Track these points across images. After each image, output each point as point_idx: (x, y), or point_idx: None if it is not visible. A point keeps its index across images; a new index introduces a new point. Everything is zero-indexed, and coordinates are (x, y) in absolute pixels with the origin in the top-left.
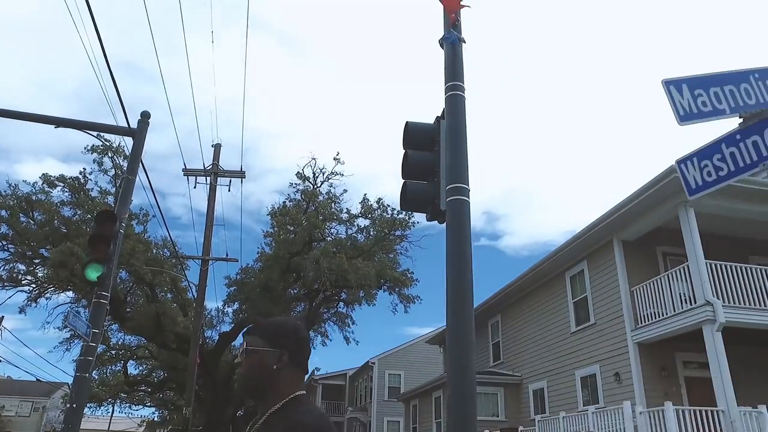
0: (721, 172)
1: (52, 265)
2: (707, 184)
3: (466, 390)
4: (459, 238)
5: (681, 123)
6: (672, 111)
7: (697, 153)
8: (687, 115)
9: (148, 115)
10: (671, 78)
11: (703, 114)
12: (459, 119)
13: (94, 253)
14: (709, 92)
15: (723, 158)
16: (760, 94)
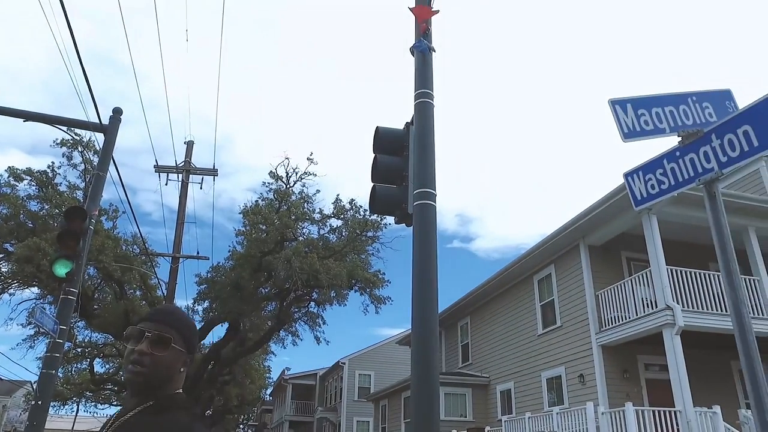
0: (663, 186)
1: (18, 260)
2: (651, 196)
3: (430, 390)
4: (425, 241)
5: (625, 140)
6: (617, 128)
7: (642, 167)
8: (630, 133)
9: (120, 111)
10: (617, 98)
11: (645, 132)
12: (427, 126)
13: (63, 249)
14: (651, 112)
15: (665, 173)
16: (696, 116)
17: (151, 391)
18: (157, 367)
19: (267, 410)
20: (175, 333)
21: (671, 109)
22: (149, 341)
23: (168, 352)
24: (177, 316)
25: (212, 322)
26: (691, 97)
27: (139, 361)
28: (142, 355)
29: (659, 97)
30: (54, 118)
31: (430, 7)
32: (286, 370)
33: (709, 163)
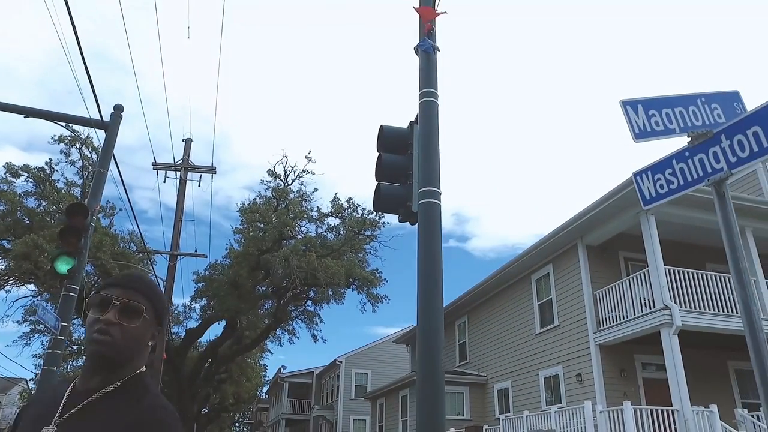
0: (672, 186)
1: (15, 257)
2: (660, 195)
3: (435, 385)
4: (430, 239)
5: (636, 140)
6: (628, 129)
7: (651, 167)
8: (641, 133)
9: (121, 108)
10: (628, 99)
11: (655, 133)
12: (432, 125)
13: (65, 245)
14: (662, 113)
15: (674, 173)
16: (706, 116)
17: (115, 367)
18: (126, 339)
19: (263, 408)
20: (146, 302)
21: (681, 110)
22: (117, 310)
23: (139, 323)
24: (147, 284)
25: (209, 320)
26: (701, 98)
27: (105, 331)
28: (108, 324)
29: (669, 98)
30: (55, 114)
31: (435, 9)
32: (282, 368)
33: (718, 164)
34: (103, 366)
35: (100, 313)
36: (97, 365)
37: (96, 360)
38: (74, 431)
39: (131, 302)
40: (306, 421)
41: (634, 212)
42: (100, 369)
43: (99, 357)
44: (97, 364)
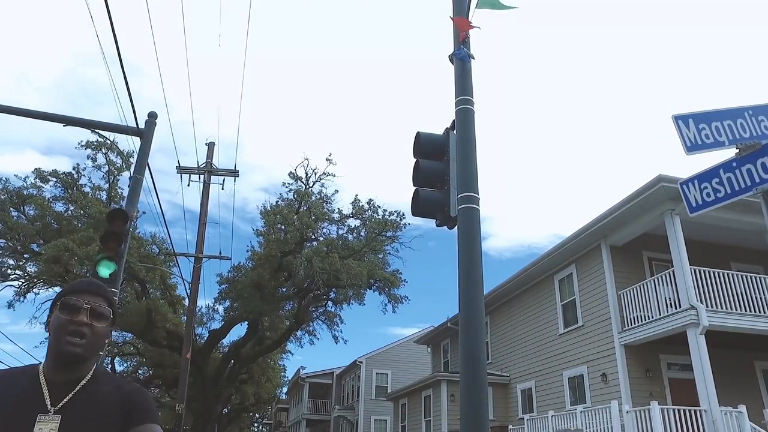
0: (719, 194)
1: (47, 261)
2: (706, 203)
3: (478, 384)
4: (471, 243)
5: (688, 153)
6: (680, 142)
7: (698, 176)
8: (693, 146)
9: (155, 115)
10: (680, 114)
11: (706, 145)
12: (469, 131)
13: (107, 250)
14: (711, 126)
15: (721, 182)
16: (753, 128)
17: (86, 361)
18: (95, 338)
19: (282, 408)
20: (109, 306)
21: (729, 122)
22: (88, 313)
23: (105, 324)
24: (108, 290)
25: (233, 321)
26: (748, 111)
27: (80, 332)
28: (81, 326)
29: (718, 111)
30: (94, 123)
31: (469, 20)
32: (301, 368)
33: (766, 173)
34: (77, 361)
35: (72, 315)
36: (71, 360)
37: (71, 356)
38: (77, 414)
39: (100, 306)
40: (326, 422)
41: (659, 212)
42: (74, 363)
43: (73, 354)
44: (72, 360)
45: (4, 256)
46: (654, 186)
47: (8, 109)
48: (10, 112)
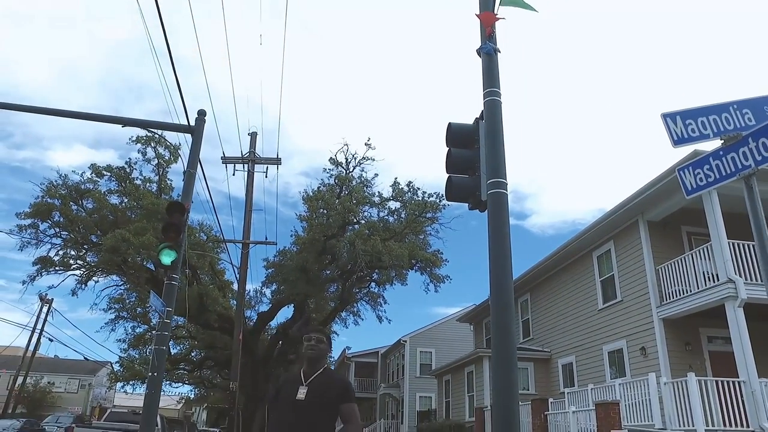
0: (709, 179)
1: (106, 250)
2: (699, 187)
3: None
4: (499, 226)
5: (675, 146)
6: (668, 137)
7: (692, 163)
8: (680, 140)
9: (204, 112)
10: (668, 112)
11: (692, 138)
12: (496, 121)
13: (168, 240)
14: (697, 121)
15: (711, 168)
16: (738, 121)
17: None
18: (321, 351)
19: None
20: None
21: (714, 117)
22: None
23: (323, 345)
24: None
25: (280, 304)
26: (733, 105)
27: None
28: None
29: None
30: (149, 122)
31: (495, 13)
32: (347, 349)
33: (747, 161)
34: (314, 362)
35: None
36: (311, 362)
37: (311, 360)
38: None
39: (321, 336)
40: (373, 399)
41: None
42: (314, 363)
43: (311, 358)
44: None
45: (66, 247)
46: (690, 159)
47: (73, 114)
48: (74, 117)
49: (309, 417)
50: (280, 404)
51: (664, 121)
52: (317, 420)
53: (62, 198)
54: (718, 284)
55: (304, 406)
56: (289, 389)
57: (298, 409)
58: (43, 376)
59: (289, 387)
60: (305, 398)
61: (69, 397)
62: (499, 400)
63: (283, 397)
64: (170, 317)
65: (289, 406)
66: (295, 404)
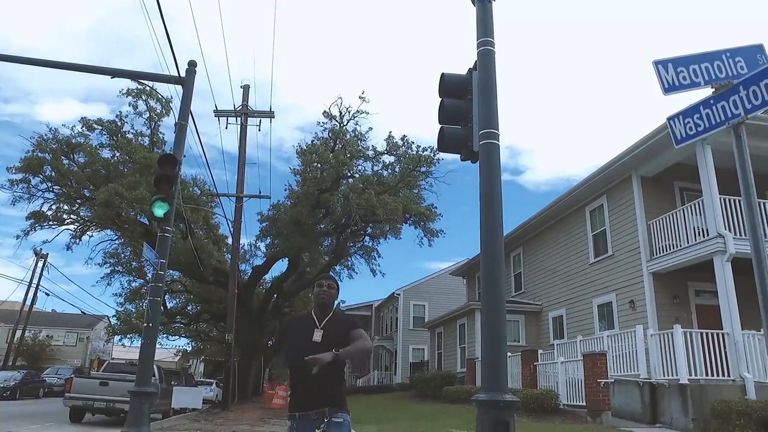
0: (699, 128)
1: (99, 205)
2: (689, 136)
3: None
4: (491, 177)
5: (665, 93)
6: (659, 84)
7: (682, 112)
8: (670, 87)
9: (195, 63)
10: (660, 59)
11: (683, 86)
12: (490, 72)
13: (160, 192)
14: (689, 69)
15: (701, 117)
16: (729, 69)
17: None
18: (332, 296)
19: None
20: (336, 282)
21: (707, 65)
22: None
23: (334, 291)
24: (333, 276)
25: (274, 258)
26: (725, 54)
27: (326, 292)
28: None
29: (696, 55)
30: (139, 73)
31: None
32: (341, 302)
33: (737, 110)
34: (326, 306)
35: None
36: (323, 306)
37: (323, 304)
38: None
39: (332, 282)
40: None
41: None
42: (325, 307)
43: (323, 303)
44: (323, 306)
45: (59, 202)
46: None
47: (59, 65)
48: (61, 67)
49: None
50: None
51: (655, 68)
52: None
53: (53, 152)
54: (707, 239)
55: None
56: (301, 331)
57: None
58: (41, 329)
59: (302, 329)
60: (321, 341)
61: (68, 351)
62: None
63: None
64: (164, 269)
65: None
66: (312, 346)
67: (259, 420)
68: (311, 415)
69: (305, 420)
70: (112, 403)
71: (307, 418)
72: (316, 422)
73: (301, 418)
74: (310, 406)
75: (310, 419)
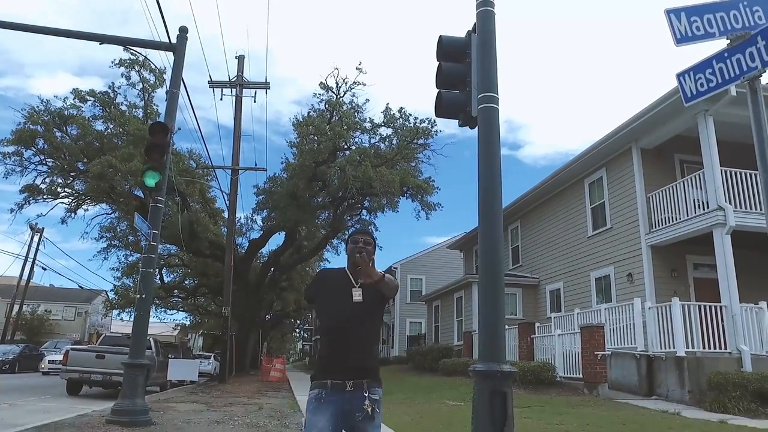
0: (711, 84)
1: (93, 177)
2: (700, 93)
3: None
4: (489, 141)
5: (677, 45)
6: (671, 35)
7: (693, 68)
8: (683, 38)
9: (186, 29)
10: (672, 8)
11: (696, 37)
12: (489, 34)
13: (151, 161)
14: (703, 18)
15: (713, 72)
16: (747, 19)
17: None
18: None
19: None
20: (372, 238)
21: (722, 14)
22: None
23: (371, 247)
24: (370, 231)
25: (270, 231)
26: (743, 2)
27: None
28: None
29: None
30: (128, 39)
31: None
32: None
33: (753, 62)
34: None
35: (356, 243)
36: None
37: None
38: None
39: (368, 238)
40: None
41: (692, 113)
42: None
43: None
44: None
45: (52, 175)
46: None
47: (44, 30)
48: (46, 33)
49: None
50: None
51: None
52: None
53: (45, 124)
54: (708, 211)
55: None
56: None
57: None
58: (39, 304)
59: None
60: (363, 300)
61: (66, 325)
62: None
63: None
64: (156, 240)
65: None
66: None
67: (256, 392)
68: (346, 385)
69: (338, 391)
70: (108, 375)
71: (341, 389)
72: (352, 396)
73: (333, 388)
74: (347, 376)
75: (343, 390)
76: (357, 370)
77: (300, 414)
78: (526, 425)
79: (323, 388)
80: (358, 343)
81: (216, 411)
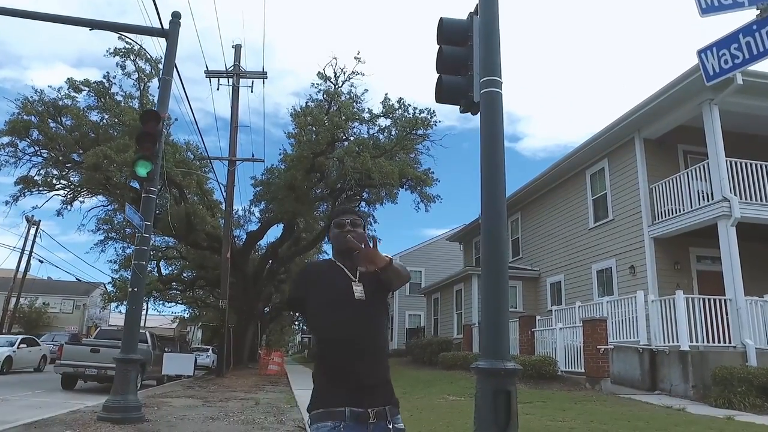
0: (736, 60)
1: (88, 168)
2: (723, 71)
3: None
4: (493, 127)
5: (702, 15)
6: (695, 4)
7: (716, 43)
8: (709, 8)
9: (179, 15)
10: None
11: (723, 6)
12: (492, 14)
13: (142, 150)
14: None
15: (739, 47)
16: None
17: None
18: (359, 237)
19: None
20: (361, 219)
21: None
22: (350, 223)
23: (360, 229)
24: (358, 210)
25: (269, 223)
26: None
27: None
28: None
29: None
30: (119, 25)
31: None
32: None
33: None
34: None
35: (341, 227)
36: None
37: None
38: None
39: (357, 219)
40: None
41: (696, 103)
42: (351, 252)
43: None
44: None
45: (47, 166)
46: (692, 75)
47: (34, 15)
48: (36, 18)
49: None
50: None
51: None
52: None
53: (39, 115)
54: (712, 203)
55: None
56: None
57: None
58: (37, 297)
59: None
60: (366, 297)
61: (65, 317)
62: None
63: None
64: (149, 232)
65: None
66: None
67: (254, 386)
68: (369, 415)
69: (360, 422)
70: (103, 369)
71: (364, 420)
72: (375, 428)
73: (353, 418)
74: (366, 401)
75: (366, 421)
76: (374, 390)
77: (297, 410)
78: (529, 422)
79: (340, 419)
80: (371, 355)
81: (211, 406)
